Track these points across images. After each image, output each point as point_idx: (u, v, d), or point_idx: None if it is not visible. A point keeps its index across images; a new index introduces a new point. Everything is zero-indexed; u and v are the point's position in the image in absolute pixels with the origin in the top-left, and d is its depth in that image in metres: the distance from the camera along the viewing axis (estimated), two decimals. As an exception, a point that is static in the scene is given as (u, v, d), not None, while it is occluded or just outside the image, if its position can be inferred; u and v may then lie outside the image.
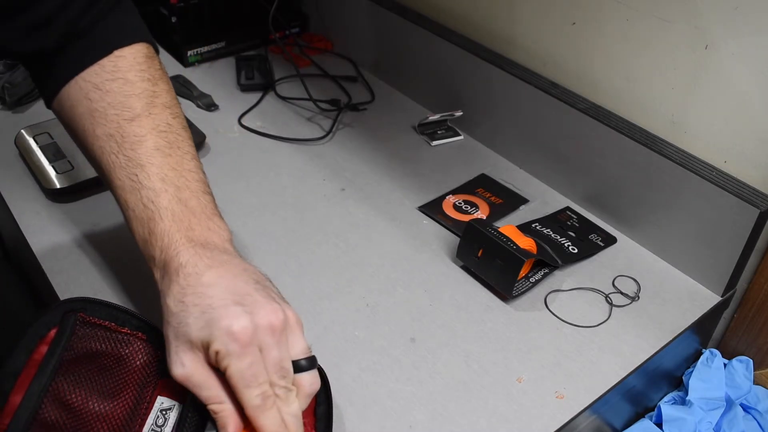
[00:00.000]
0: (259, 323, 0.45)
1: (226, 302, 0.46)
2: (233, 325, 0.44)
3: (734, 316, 0.73)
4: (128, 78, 0.54)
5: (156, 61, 0.57)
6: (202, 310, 0.46)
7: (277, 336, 0.46)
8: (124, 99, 0.53)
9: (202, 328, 0.45)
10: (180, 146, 0.54)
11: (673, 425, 0.67)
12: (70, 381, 0.48)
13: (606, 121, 0.74)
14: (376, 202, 0.79)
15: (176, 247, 0.50)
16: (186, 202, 0.52)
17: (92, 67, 0.53)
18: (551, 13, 0.79)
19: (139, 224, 0.52)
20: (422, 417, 0.56)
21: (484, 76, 0.86)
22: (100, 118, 0.53)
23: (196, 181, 0.54)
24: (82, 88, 0.54)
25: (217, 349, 0.44)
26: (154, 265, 0.51)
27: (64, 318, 0.51)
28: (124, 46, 0.54)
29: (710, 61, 0.65)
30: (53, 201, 0.76)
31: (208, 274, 0.48)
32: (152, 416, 0.49)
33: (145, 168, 0.52)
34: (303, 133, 0.91)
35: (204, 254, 0.49)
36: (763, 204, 0.63)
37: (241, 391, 0.44)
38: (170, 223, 0.51)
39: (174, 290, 0.48)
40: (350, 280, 0.68)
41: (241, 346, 0.44)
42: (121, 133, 0.52)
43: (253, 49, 1.10)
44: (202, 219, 0.52)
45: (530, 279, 0.69)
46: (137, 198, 0.52)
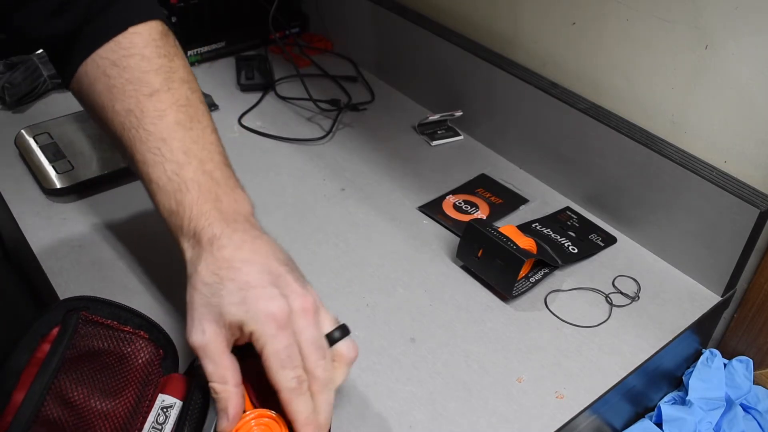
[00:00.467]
0: (294, 307, 0.46)
1: (263, 282, 0.47)
2: (271, 307, 0.45)
3: (734, 316, 0.73)
4: (145, 54, 0.54)
5: (171, 37, 0.57)
6: (239, 286, 0.46)
7: (310, 318, 0.47)
8: (141, 75, 0.54)
9: (238, 304, 0.46)
10: (200, 120, 0.55)
11: (673, 425, 0.67)
12: (73, 379, 0.48)
13: (606, 121, 0.74)
14: (376, 202, 0.79)
15: (207, 218, 0.50)
16: (211, 173, 0.53)
17: (108, 44, 0.54)
18: (551, 13, 0.79)
19: (165, 196, 0.52)
20: (422, 417, 0.56)
21: (484, 76, 0.86)
22: (119, 94, 0.53)
23: (217, 154, 0.55)
24: (99, 65, 0.54)
25: (254, 329, 0.45)
26: (181, 234, 0.51)
27: (66, 316, 0.51)
28: (138, 23, 0.55)
29: (710, 61, 0.65)
30: (53, 201, 0.76)
31: (244, 250, 0.49)
32: (153, 414, 0.50)
33: (167, 141, 0.52)
34: (303, 133, 0.91)
35: (237, 227, 0.50)
36: (763, 204, 0.63)
37: (277, 372, 0.45)
38: (197, 194, 0.51)
39: (208, 261, 0.48)
40: (350, 280, 0.68)
41: (278, 328, 0.45)
42: (141, 108, 0.53)
43: (253, 49, 1.10)
44: (227, 191, 0.53)
45: (530, 279, 0.69)
46: (161, 171, 0.52)
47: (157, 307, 0.64)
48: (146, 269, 0.68)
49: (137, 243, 0.71)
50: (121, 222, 0.74)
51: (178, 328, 0.61)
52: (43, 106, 0.93)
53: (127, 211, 0.75)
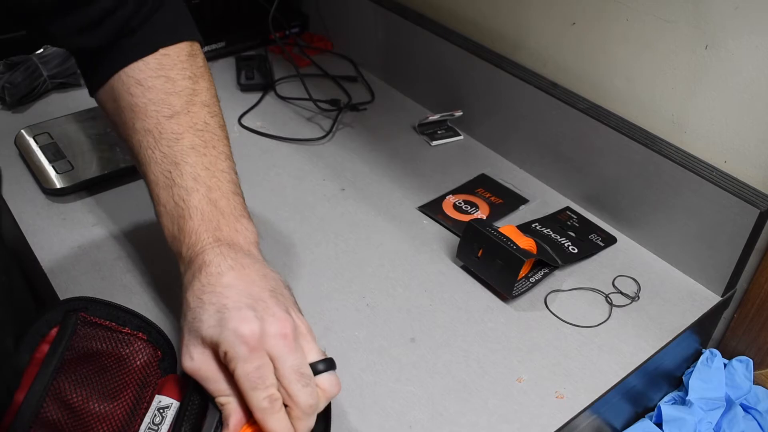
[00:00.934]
0: (268, 330, 0.46)
1: (239, 304, 0.47)
2: (242, 328, 0.45)
3: (734, 316, 0.73)
4: (170, 76, 0.55)
5: (199, 58, 0.58)
6: (216, 309, 0.47)
7: (289, 343, 0.46)
8: (164, 96, 0.55)
9: (214, 326, 0.46)
10: (215, 146, 0.56)
11: (673, 425, 0.67)
12: (71, 381, 0.48)
13: (606, 121, 0.74)
14: (376, 202, 0.79)
15: (202, 246, 0.51)
16: (216, 202, 0.53)
17: (137, 63, 0.55)
18: (552, 13, 0.79)
19: (170, 220, 0.53)
20: (422, 417, 0.55)
21: (485, 76, 0.86)
22: (140, 113, 0.54)
23: (227, 182, 0.55)
24: (125, 82, 0.55)
25: (225, 350, 0.45)
26: (180, 260, 0.53)
27: (65, 317, 0.51)
28: (168, 45, 0.56)
29: (710, 61, 0.65)
30: (53, 201, 0.76)
31: (229, 275, 0.49)
32: (149, 414, 0.50)
33: (179, 166, 0.53)
34: (303, 133, 0.91)
35: (228, 255, 0.50)
36: (763, 204, 0.63)
37: (248, 393, 0.45)
38: (199, 222, 0.52)
39: (195, 286, 0.49)
40: (350, 280, 0.68)
41: (249, 350, 0.45)
42: (159, 129, 0.54)
43: (253, 49, 1.10)
44: (230, 220, 0.53)
45: (530, 279, 0.69)
46: (169, 195, 0.53)
47: (157, 307, 0.64)
48: (146, 269, 0.68)
49: (137, 243, 0.71)
50: (121, 222, 0.74)
51: (177, 329, 0.61)
52: (43, 106, 0.93)
53: (127, 211, 0.75)
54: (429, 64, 0.94)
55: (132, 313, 0.53)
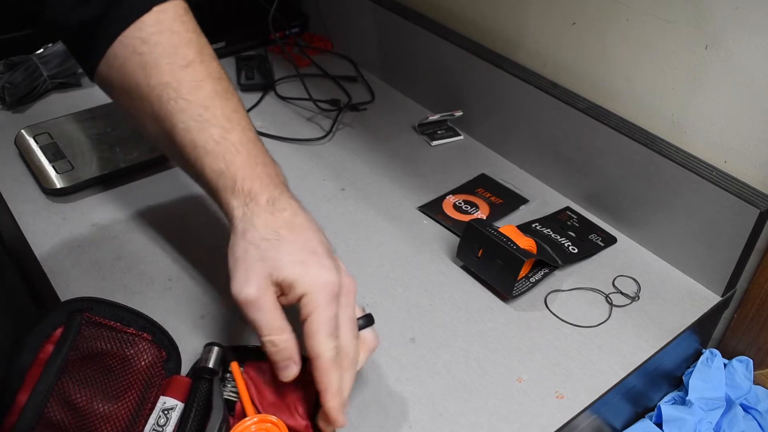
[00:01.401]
0: (344, 282, 0.49)
1: (321, 251, 0.49)
2: (329, 277, 0.47)
3: (734, 316, 0.73)
4: (174, 29, 0.55)
5: (192, 16, 0.58)
6: (299, 247, 0.48)
7: (351, 298, 0.49)
8: (174, 48, 0.54)
9: (296, 263, 0.47)
10: (234, 93, 0.56)
11: (673, 425, 0.67)
12: (76, 381, 0.48)
13: (606, 121, 0.74)
14: (376, 202, 0.79)
15: (261, 180, 0.51)
16: (254, 141, 0.54)
17: (134, 24, 0.54)
18: (551, 13, 0.79)
19: (213, 158, 0.52)
20: (422, 417, 0.55)
21: (485, 76, 0.86)
22: (153, 69, 0.54)
23: (252, 126, 0.56)
24: (128, 45, 0.54)
25: (307, 292, 0.46)
26: (232, 192, 0.51)
27: (70, 317, 0.51)
28: (162, 2, 0.55)
29: (710, 61, 0.65)
30: (53, 201, 0.76)
31: (301, 216, 0.50)
32: (154, 416, 0.50)
33: (209, 109, 0.53)
34: (303, 133, 0.91)
35: (291, 195, 0.52)
36: (763, 204, 0.63)
37: (322, 340, 0.46)
38: (247, 158, 0.52)
39: (266, 218, 0.49)
40: (350, 280, 0.68)
41: (330, 298, 0.46)
42: (178, 79, 0.53)
43: (253, 49, 1.10)
44: (268, 160, 0.55)
45: (530, 279, 0.69)
46: (207, 135, 0.52)
47: (157, 307, 0.64)
48: (146, 269, 0.68)
49: (137, 243, 0.71)
50: (121, 222, 0.74)
51: (179, 328, 0.61)
52: (43, 106, 0.93)
53: (127, 211, 0.75)
54: (429, 64, 0.94)
55: (137, 313, 0.54)
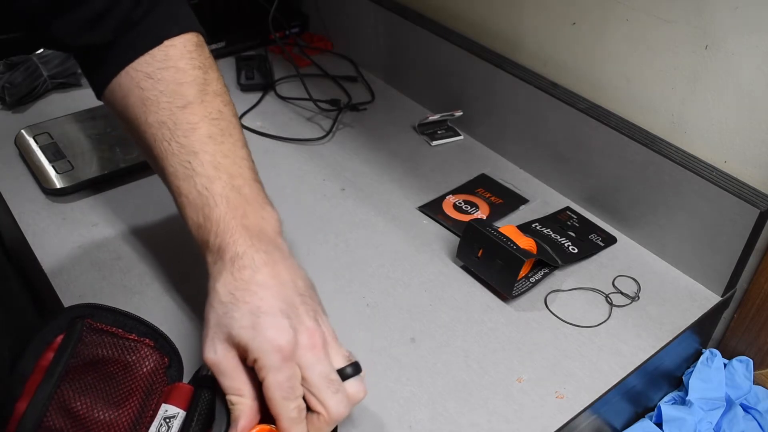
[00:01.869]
0: (301, 341, 0.46)
1: (275, 311, 0.47)
2: (277, 338, 0.45)
3: (734, 316, 0.73)
4: (179, 66, 0.54)
5: (205, 49, 0.57)
6: (250, 309, 0.46)
7: (319, 353, 0.47)
8: (176, 87, 0.54)
9: (247, 327, 0.46)
10: (231, 133, 0.55)
11: (673, 425, 0.67)
12: (76, 388, 0.48)
13: (606, 121, 0.74)
14: (376, 202, 0.79)
15: (232, 234, 0.50)
16: (240, 189, 0.53)
17: (143, 56, 0.54)
18: (551, 13, 0.79)
19: (193, 210, 0.52)
20: (422, 417, 0.55)
21: (485, 76, 0.86)
22: (152, 106, 0.53)
23: (247, 169, 0.55)
24: (133, 77, 0.54)
25: (257, 357, 0.45)
26: (207, 249, 0.52)
27: (71, 324, 0.50)
28: (173, 36, 0.55)
29: (710, 61, 0.65)
30: (53, 201, 0.76)
31: (262, 273, 0.48)
32: (155, 424, 0.49)
33: (198, 155, 0.52)
34: (303, 133, 0.91)
35: (260, 247, 0.50)
36: (763, 204, 0.63)
37: (279, 403, 0.45)
38: (225, 210, 0.51)
39: (226, 279, 0.48)
40: (350, 280, 0.68)
41: (282, 360, 0.45)
42: (174, 120, 0.53)
43: (253, 49, 1.10)
44: (255, 207, 0.53)
45: (530, 279, 0.69)
46: (191, 185, 0.52)
47: (157, 307, 0.64)
48: (146, 269, 0.68)
49: (137, 243, 0.71)
50: (121, 222, 0.74)
51: (179, 329, 0.61)
52: (43, 106, 0.93)
53: (128, 211, 0.75)
54: (429, 64, 0.94)
55: (138, 319, 0.53)
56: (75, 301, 0.64)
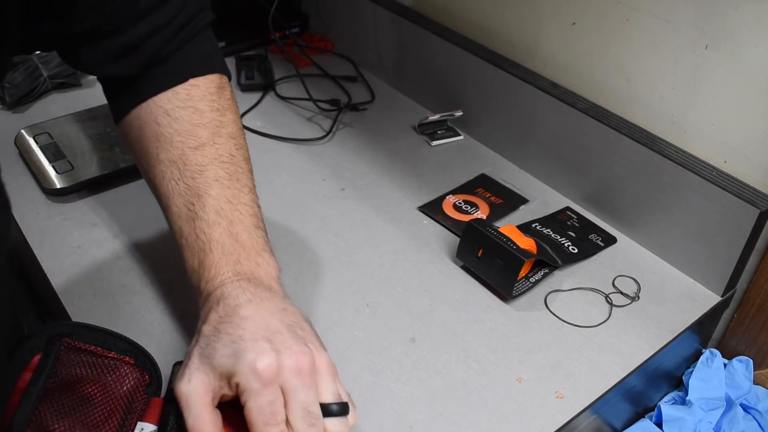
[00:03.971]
0: (284, 363, 0.45)
1: (256, 337, 0.46)
2: (257, 362, 0.44)
3: (734, 316, 0.73)
4: (198, 107, 0.55)
5: (227, 91, 0.58)
6: (232, 339, 0.46)
7: (304, 379, 0.45)
8: (191, 127, 0.54)
9: (228, 356, 0.45)
10: (239, 178, 0.55)
11: (673, 425, 0.67)
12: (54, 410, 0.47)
13: (606, 121, 0.74)
14: (376, 202, 0.79)
15: (222, 279, 0.50)
16: (237, 236, 0.53)
17: (166, 92, 0.54)
18: (551, 13, 0.79)
19: (191, 254, 0.53)
20: (422, 417, 0.55)
21: (485, 76, 0.86)
22: (166, 144, 0.54)
23: (249, 216, 0.55)
24: (152, 111, 0.55)
25: (238, 381, 0.44)
26: (198, 294, 0.52)
27: (48, 343, 0.50)
28: (199, 76, 0.56)
29: (710, 61, 0.65)
30: (53, 201, 0.76)
31: (247, 308, 0.48)
32: None
33: (202, 198, 0.53)
34: (303, 133, 0.91)
35: (247, 288, 0.50)
36: (763, 204, 0.63)
37: (260, 428, 0.44)
38: (219, 256, 0.51)
39: (211, 317, 0.48)
40: (350, 280, 0.68)
41: (263, 384, 0.44)
42: (184, 160, 0.54)
43: (253, 49, 1.10)
44: (251, 254, 0.53)
45: (530, 279, 0.69)
46: (191, 228, 0.53)
47: (157, 307, 0.64)
48: (146, 269, 0.68)
49: (137, 243, 0.71)
50: (121, 222, 0.74)
51: (177, 328, 0.61)
52: (43, 106, 0.93)
53: (127, 211, 0.75)
54: (429, 64, 0.94)
55: (119, 336, 0.52)
56: (75, 300, 0.64)
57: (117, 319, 0.62)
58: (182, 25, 0.54)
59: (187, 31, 0.55)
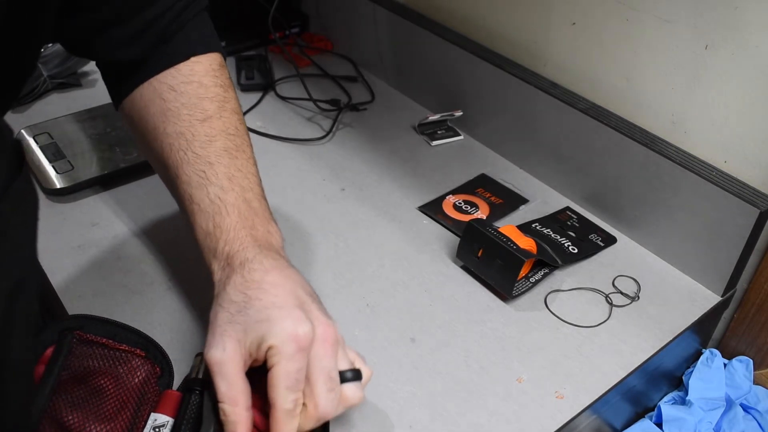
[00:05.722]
0: (317, 333, 0.47)
1: (290, 304, 0.47)
2: (297, 328, 0.46)
3: (734, 316, 0.73)
4: (203, 82, 0.57)
5: (226, 70, 0.60)
6: (264, 305, 0.47)
7: (329, 349, 0.47)
8: (197, 101, 0.56)
9: (262, 321, 0.46)
10: (244, 150, 0.57)
11: (673, 425, 0.67)
12: (68, 402, 0.47)
13: (606, 121, 0.74)
14: (376, 202, 0.79)
15: (242, 242, 0.51)
16: (250, 202, 0.54)
17: (169, 70, 0.56)
18: (551, 13, 0.79)
19: (204, 217, 0.53)
20: (422, 417, 0.56)
21: (484, 76, 0.86)
22: (173, 117, 0.55)
23: (257, 185, 0.57)
24: (156, 88, 0.56)
25: (273, 344, 0.45)
26: (213, 255, 0.52)
27: (61, 336, 0.50)
28: (200, 54, 0.57)
29: (710, 61, 0.65)
30: (53, 201, 0.76)
31: (273, 274, 0.49)
32: None
33: (213, 166, 0.54)
34: (303, 133, 0.91)
35: (268, 254, 0.51)
36: (763, 204, 0.63)
37: (281, 392, 0.45)
38: (237, 219, 0.53)
39: (236, 280, 0.49)
40: (350, 280, 0.68)
41: (297, 350, 0.45)
42: (192, 131, 0.55)
43: (253, 49, 1.10)
44: (263, 221, 0.54)
45: (530, 279, 0.69)
46: (204, 193, 0.54)
47: (157, 307, 0.64)
48: (146, 269, 0.68)
49: (137, 243, 0.71)
50: (121, 222, 0.74)
51: (178, 329, 0.61)
52: (43, 106, 0.93)
53: (127, 211, 0.75)
54: (429, 64, 0.94)
55: (129, 329, 0.53)
56: (75, 300, 0.64)
57: (117, 319, 0.62)
58: (184, 6, 0.56)
59: (187, 13, 0.57)
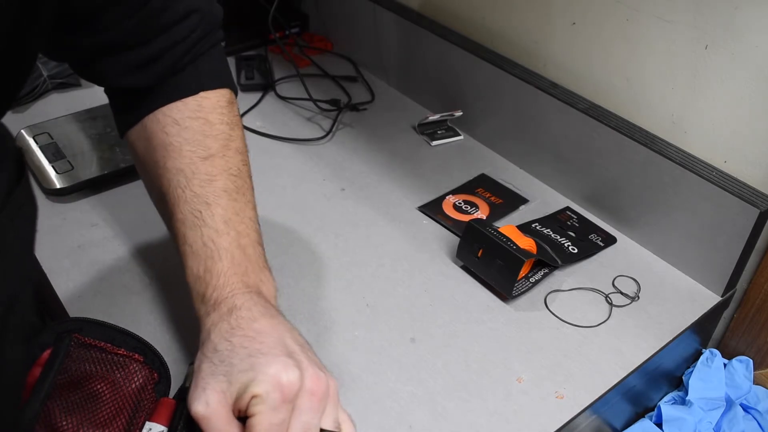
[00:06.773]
0: (305, 384, 0.45)
1: (277, 352, 0.45)
2: (282, 375, 0.44)
3: (734, 316, 0.73)
4: (209, 119, 0.55)
5: (235, 107, 0.58)
6: (249, 353, 0.45)
7: (315, 402, 0.45)
8: (201, 138, 0.54)
9: (246, 371, 0.44)
10: (245, 193, 0.56)
11: (673, 425, 0.67)
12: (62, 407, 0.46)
13: (606, 121, 0.74)
14: (376, 202, 0.79)
15: (232, 289, 0.50)
16: (245, 248, 0.53)
17: (175, 103, 0.54)
18: (551, 13, 0.79)
19: (195, 260, 0.52)
20: (422, 417, 0.56)
21: (484, 76, 0.86)
22: (174, 152, 0.54)
23: (254, 231, 0.55)
24: (160, 121, 0.54)
25: (258, 392, 0.43)
26: (201, 301, 0.51)
27: (58, 339, 0.49)
28: (210, 89, 0.56)
29: (710, 61, 0.65)
30: (53, 201, 0.76)
31: (261, 322, 0.48)
32: None
33: (210, 207, 0.53)
34: (303, 133, 0.91)
35: (259, 302, 0.50)
36: (763, 204, 0.63)
37: None
38: (228, 265, 0.51)
39: (222, 327, 0.47)
40: (350, 280, 0.68)
41: (282, 401, 0.43)
42: (193, 169, 0.53)
43: (253, 49, 1.10)
44: (256, 269, 0.53)
45: (530, 279, 0.69)
46: (197, 235, 0.52)
47: (157, 307, 0.64)
48: (146, 269, 0.68)
49: (137, 243, 0.71)
50: (121, 222, 0.74)
51: (177, 329, 0.61)
52: (43, 106, 0.93)
53: (127, 211, 0.75)
54: (429, 64, 0.94)
55: (128, 333, 0.52)
56: (74, 301, 0.64)
57: (117, 319, 0.62)
58: (197, 39, 0.55)
59: (200, 46, 0.55)
